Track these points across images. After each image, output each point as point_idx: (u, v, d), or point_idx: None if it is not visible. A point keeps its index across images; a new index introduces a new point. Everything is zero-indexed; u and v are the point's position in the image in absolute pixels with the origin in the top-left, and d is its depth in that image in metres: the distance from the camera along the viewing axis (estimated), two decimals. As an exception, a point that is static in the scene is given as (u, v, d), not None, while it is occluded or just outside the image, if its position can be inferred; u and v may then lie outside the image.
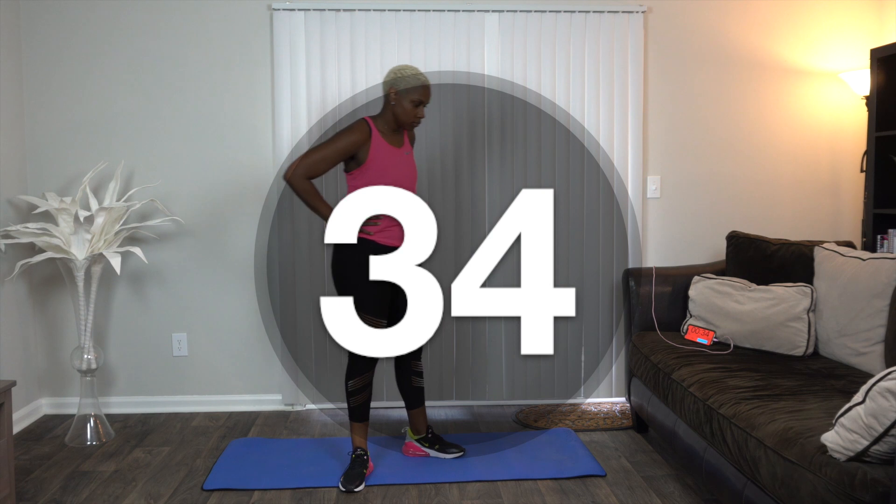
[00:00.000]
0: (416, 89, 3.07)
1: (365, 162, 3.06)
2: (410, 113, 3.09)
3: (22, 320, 3.90)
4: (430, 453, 3.40)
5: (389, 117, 3.13)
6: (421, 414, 3.41)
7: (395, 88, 3.07)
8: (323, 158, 3.03)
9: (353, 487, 3.06)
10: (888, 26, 4.17)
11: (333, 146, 3.04)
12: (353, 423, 3.23)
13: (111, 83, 3.99)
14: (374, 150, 3.06)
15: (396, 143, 3.15)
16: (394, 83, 3.08)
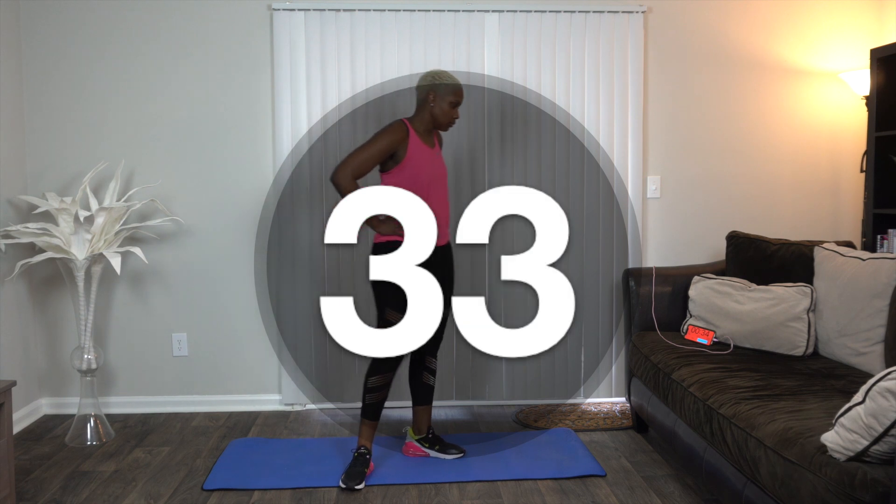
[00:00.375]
0: (453, 91, 3.18)
1: (403, 160, 3.13)
2: (448, 114, 3.19)
3: (22, 320, 3.90)
4: (430, 453, 3.41)
5: (426, 118, 3.21)
6: (425, 412, 3.42)
7: (434, 91, 3.16)
8: (368, 158, 3.11)
9: (354, 485, 3.08)
10: (888, 26, 4.17)
11: (375, 146, 3.11)
12: (363, 421, 3.23)
13: (111, 83, 3.99)
14: (412, 149, 3.14)
15: (430, 144, 3.24)
16: (432, 86, 3.17)
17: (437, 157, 3.25)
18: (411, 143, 3.15)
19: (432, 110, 3.19)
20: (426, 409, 3.43)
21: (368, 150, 3.11)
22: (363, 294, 3.96)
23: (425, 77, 3.21)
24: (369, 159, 3.12)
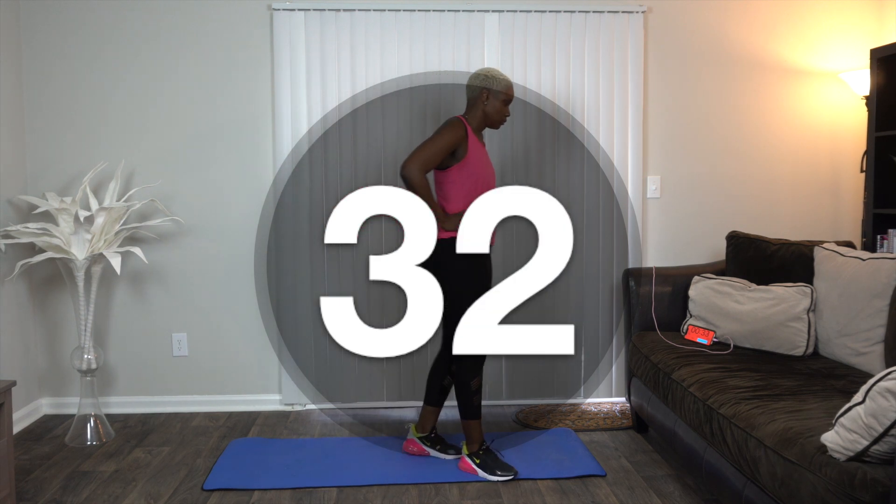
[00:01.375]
0: (508, 89, 3.20)
1: (464, 158, 3.13)
2: (501, 111, 3.22)
3: (22, 320, 3.90)
4: (430, 452, 3.41)
5: (479, 116, 3.23)
6: (434, 414, 3.44)
7: (488, 89, 3.18)
8: (436, 152, 3.07)
9: (513, 473, 3.17)
10: (888, 26, 4.17)
11: (441, 141, 3.08)
12: (473, 422, 3.25)
13: (111, 83, 3.99)
14: (471, 147, 3.16)
15: (483, 142, 3.28)
16: (486, 84, 3.18)
17: (487, 155, 3.28)
18: (470, 141, 3.16)
19: (485, 108, 3.20)
20: (436, 410, 3.44)
21: (436, 145, 3.07)
22: (363, 294, 3.98)
23: (477, 75, 3.21)
24: (437, 154, 3.07)
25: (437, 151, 3.06)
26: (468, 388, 3.21)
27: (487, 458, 3.23)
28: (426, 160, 3.05)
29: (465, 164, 3.13)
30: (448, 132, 3.09)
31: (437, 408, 3.44)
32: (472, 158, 3.14)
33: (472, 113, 3.23)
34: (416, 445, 3.44)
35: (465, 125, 3.15)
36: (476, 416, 3.25)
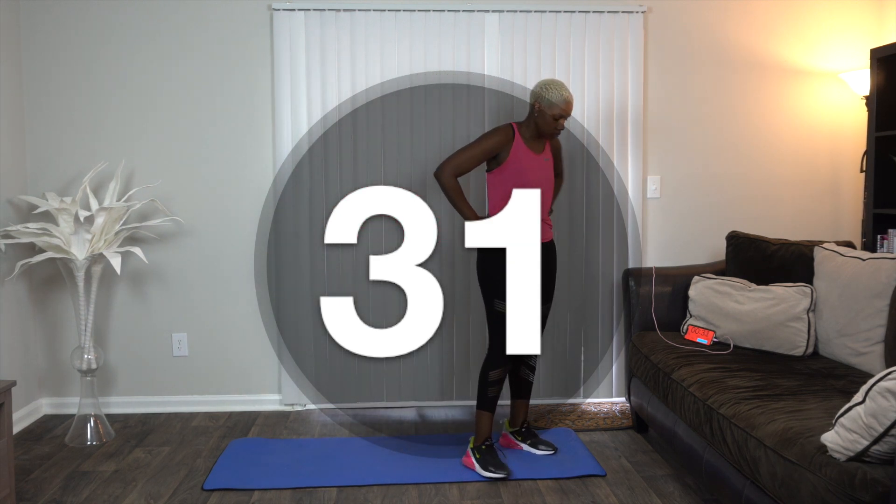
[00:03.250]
0: (559, 104, 3.21)
1: (504, 162, 3.22)
2: (551, 125, 3.24)
3: (22, 320, 3.90)
4: (522, 447, 3.46)
5: (532, 125, 3.28)
6: (521, 406, 3.50)
7: (540, 102, 3.22)
8: (470, 157, 3.22)
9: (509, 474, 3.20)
10: (888, 26, 4.17)
11: (479, 146, 3.22)
12: (484, 413, 3.29)
13: (111, 83, 3.99)
14: (515, 152, 3.22)
15: (537, 150, 3.30)
16: (539, 97, 3.23)
17: (544, 164, 3.30)
18: (515, 147, 3.23)
19: (536, 119, 3.25)
20: (522, 403, 3.50)
21: (472, 151, 3.22)
22: (363, 294, 3.98)
23: (537, 85, 3.27)
24: (471, 159, 3.22)
25: (472, 156, 3.21)
26: (485, 378, 3.28)
27: (487, 455, 3.25)
28: (459, 164, 3.21)
29: (503, 169, 3.23)
30: (487, 137, 3.23)
31: (522, 400, 3.50)
32: (511, 164, 3.22)
33: (527, 121, 3.31)
34: (510, 440, 3.50)
35: (514, 131, 3.26)
36: (486, 408, 3.29)
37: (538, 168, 3.27)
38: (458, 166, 3.21)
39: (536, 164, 3.27)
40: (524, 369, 3.48)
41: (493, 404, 3.30)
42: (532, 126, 3.28)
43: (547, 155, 3.33)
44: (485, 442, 3.29)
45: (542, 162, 3.29)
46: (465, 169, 3.23)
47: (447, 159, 3.22)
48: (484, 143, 3.22)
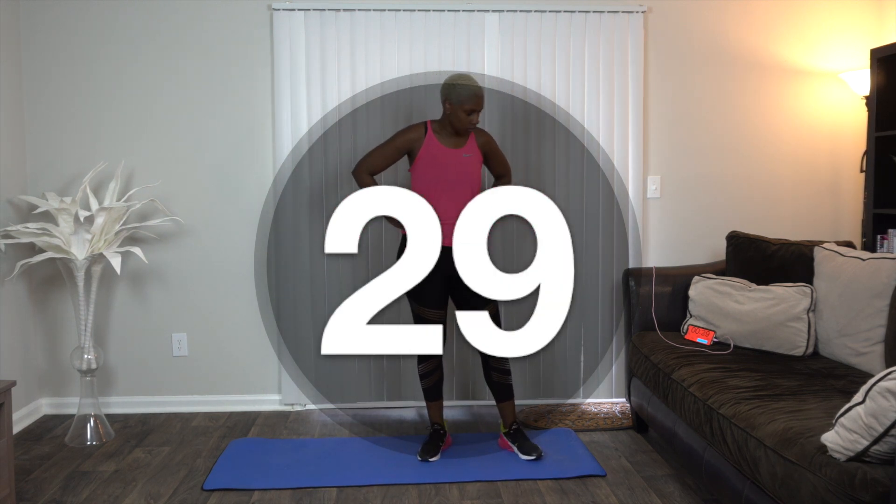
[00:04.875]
0: (469, 99, 3.24)
1: (416, 158, 3.32)
2: (465, 121, 3.27)
3: (22, 320, 3.90)
4: (514, 448, 3.46)
5: (446, 122, 3.33)
6: (505, 408, 3.51)
7: (450, 101, 3.26)
8: (381, 155, 3.35)
9: (429, 458, 3.34)
10: (888, 26, 4.17)
11: (391, 144, 3.35)
12: (427, 402, 3.52)
13: (111, 83, 3.99)
14: (426, 148, 3.31)
15: (454, 145, 3.34)
16: (447, 96, 3.27)
17: (462, 160, 3.32)
18: (426, 143, 3.30)
19: (449, 117, 3.29)
20: (505, 405, 3.51)
21: (384, 149, 3.35)
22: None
23: (444, 83, 3.31)
24: (383, 157, 3.35)
25: (383, 154, 3.35)
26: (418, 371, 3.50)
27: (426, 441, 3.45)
28: (371, 162, 3.36)
29: (416, 165, 3.33)
30: (397, 136, 3.35)
31: (504, 402, 3.50)
32: (422, 160, 3.30)
33: (443, 117, 3.34)
34: (505, 442, 3.52)
35: (426, 129, 3.34)
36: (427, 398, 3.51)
37: (455, 164, 3.29)
38: (371, 164, 3.35)
39: (452, 159, 3.29)
40: (493, 374, 3.45)
41: (429, 395, 3.49)
42: (447, 123, 3.32)
43: (468, 151, 3.34)
44: (432, 427, 3.49)
45: (459, 157, 3.31)
46: (378, 166, 3.36)
47: (361, 159, 3.38)
48: (395, 140, 3.34)
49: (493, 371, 3.46)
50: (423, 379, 3.48)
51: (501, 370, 3.46)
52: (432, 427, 3.49)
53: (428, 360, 3.44)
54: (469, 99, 3.23)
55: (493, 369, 3.46)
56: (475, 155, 3.36)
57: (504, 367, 3.46)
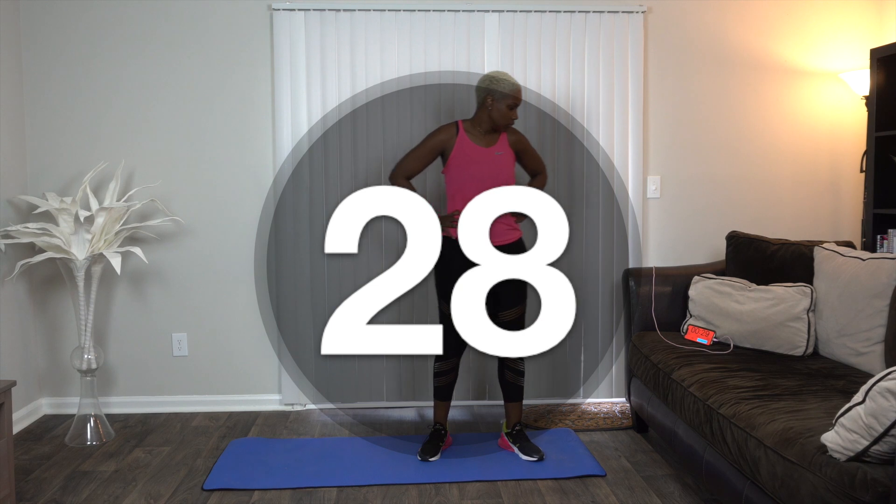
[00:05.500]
0: (512, 94, 3.27)
1: (449, 158, 3.34)
2: (506, 115, 3.30)
3: (22, 320, 3.90)
4: (514, 449, 3.46)
5: (484, 119, 3.33)
6: (512, 409, 3.50)
7: (492, 95, 3.27)
8: (415, 158, 3.38)
9: (428, 457, 3.34)
10: (888, 26, 4.17)
11: (424, 146, 3.38)
12: (435, 401, 3.50)
13: (111, 83, 3.99)
14: (458, 147, 3.33)
15: (486, 143, 3.36)
16: (490, 91, 3.27)
17: (495, 158, 3.33)
18: (458, 142, 3.32)
19: (490, 113, 3.30)
20: (512, 405, 3.50)
21: (417, 152, 3.38)
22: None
23: (483, 79, 3.32)
24: (417, 159, 3.38)
25: (417, 157, 3.38)
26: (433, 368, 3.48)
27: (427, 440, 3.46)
28: (406, 166, 3.39)
29: (449, 165, 3.34)
30: (429, 138, 3.37)
31: (512, 402, 3.50)
32: (455, 159, 3.32)
33: (477, 115, 3.36)
34: (505, 441, 3.52)
35: (457, 128, 3.35)
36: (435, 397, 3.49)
37: (487, 162, 3.31)
38: (406, 168, 3.38)
39: (485, 157, 3.31)
40: (507, 373, 3.47)
41: (441, 395, 3.47)
42: (485, 119, 3.32)
43: (501, 149, 3.36)
44: (434, 426, 3.48)
45: (492, 156, 3.33)
46: (413, 170, 3.39)
47: (396, 164, 3.42)
48: (427, 142, 3.36)
49: (507, 370, 3.47)
50: (437, 377, 3.47)
51: (516, 371, 3.47)
52: (434, 427, 3.50)
53: (445, 359, 3.41)
54: (512, 94, 3.27)
55: (509, 369, 3.47)
56: (507, 153, 3.38)
57: (519, 368, 3.48)
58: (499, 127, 3.34)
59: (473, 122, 3.37)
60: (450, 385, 3.48)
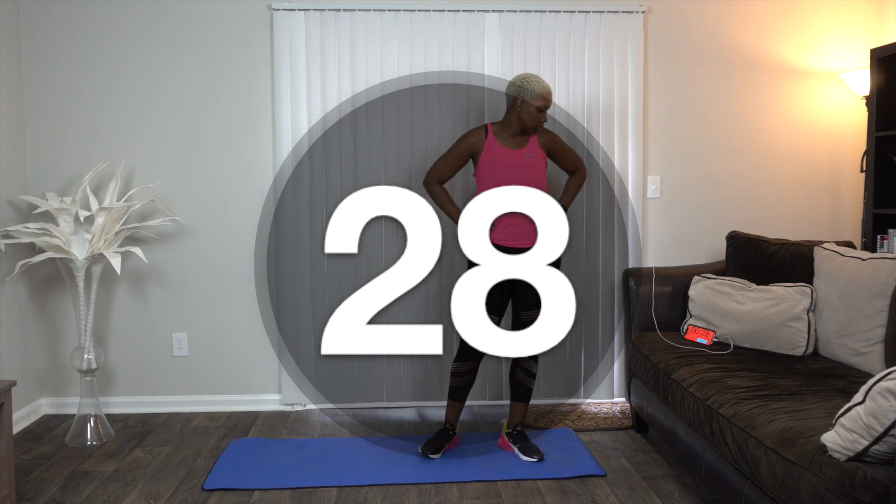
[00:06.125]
0: (543, 95, 3.28)
1: (479, 161, 3.35)
2: (537, 117, 3.31)
3: (22, 320, 3.90)
4: (514, 449, 3.45)
5: (513, 121, 3.34)
6: (516, 409, 3.50)
7: (523, 96, 3.28)
8: (446, 162, 3.41)
9: (429, 453, 3.36)
10: (888, 26, 4.17)
11: (454, 150, 3.40)
12: (449, 401, 3.49)
13: (111, 83, 3.99)
14: (488, 150, 3.33)
15: (516, 146, 3.36)
16: (522, 90, 3.28)
17: (525, 160, 3.32)
18: (488, 145, 3.33)
19: (520, 114, 3.31)
20: (517, 405, 3.50)
21: (448, 156, 3.40)
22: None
23: (512, 83, 3.33)
24: (448, 164, 3.40)
25: (448, 161, 3.39)
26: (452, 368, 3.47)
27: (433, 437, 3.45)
28: (437, 171, 3.41)
29: (479, 168, 3.35)
30: (460, 140, 3.38)
31: (518, 403, 3.50)
32: (485, 162, 3.32)
33: (507, 118, 3.37)
34: (505, 441, 3.52)
35: (487, 131, 3.36)
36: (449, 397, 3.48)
37: (516, 164, 3.30)
38: (437, 173, 3.40)
39: (514, 160, 3.31)
40: (519, 372, 3.47)
41: (454, 394, 3.46)
42: (514, 122, 3.33)
43: (530, 151, 3.35)
44: (444, 424, 3.48)
45: (521, 158, 3.32)
46: (445, 174, 3.41)
47: (429, 170, 3.43)
48: (457, 146, 3.38)
49: (519, 370, 3.47)
50: (454, 377, 3.45)
51: (528, 372, 3.47)
52: (444, 425, 3.49)
53: (465, 359, 3.41)
54: (543, 95, 3.27)
55: (521, 368, 3.47)
56: (537, 154, 3.36)
57: (532, 370, 3.47)
58: (528, 129, 3.33)
59: (503, 124, 3.37)
60: (465, 387, 3.46)
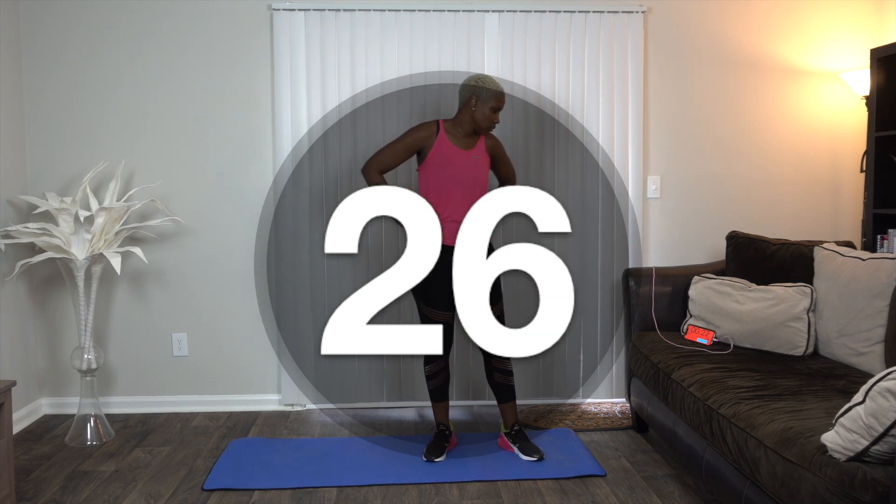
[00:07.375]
0: (495, 96, 3.27)
1: (426, 158, 3.30)
2: (489, 118, 3.29)
3: (22, 320, 3.90)
4: (514, 449, 3.45)
5: (466, 120, 3.32)
6: (507, 409, 3.50)
7: (477, 95, 3.27)
8: (392, 153, 3.32)
9: (434, 458, 3.34)
10: (888, 26, 4.17)
11: (402, 141, 3.32)
12: (433, 403, 3.52)
13: (111, 83, 3.99)
14: (437, 147, 3.30)
15: (465, 146, 3.33)
16: (476, 90, 3.27)
17: (473, 161, 3.31)
18: (438, 142, 3.29)
19: (473, 114, 3.29)
20: (506, 406, 3.50)
21: (394, 146, 3.32)
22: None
23: (469, 80, 3.31)
24: (394, 154, 3.31)
25: (394, 152, 3.32)
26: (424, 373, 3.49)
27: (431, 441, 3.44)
28: (382, 160, 3.32)
29: (426, 164, 3.31)
30: (408, 134, 3.32)
31: (506, 403, 3.49)
32: (433, 159, 3.29)
33: (459, 116, 3.34)
34: (504, 441, 3.52)
35: (438, 127, 3.32)
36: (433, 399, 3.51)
37: (464, 164, 3.29)
38: (381, 162, 3.31)
39: (462, 160, 3.30)
40: (496, 374, 3.45)
41: (438, 395, 3.49)
42: (467, 121, 3.31)
43: (478, 153, 3.35)
44: (437, 427, 3.48)
45: (469, 159, 3.31)
46: (388, 164, 3.32)
47: (371, 156, 3.33)
48: (406, 138, 3.31)
49: (495, 371, 3.45)
50: (430, 380, 3.48)
51: (504, 371, 3.45)
52: (438, 428, 3.49)
53: (434, 361, 3.43)
54: (497, 96, 3.26)
55: (496, 370, 3.45)
56: (483, 158, 3.36)
57: (506, 367, 3.45)
58: (480, 129, 3.31)
59: (455, 122, 3.34)
60: (444, 385, 3.49)
